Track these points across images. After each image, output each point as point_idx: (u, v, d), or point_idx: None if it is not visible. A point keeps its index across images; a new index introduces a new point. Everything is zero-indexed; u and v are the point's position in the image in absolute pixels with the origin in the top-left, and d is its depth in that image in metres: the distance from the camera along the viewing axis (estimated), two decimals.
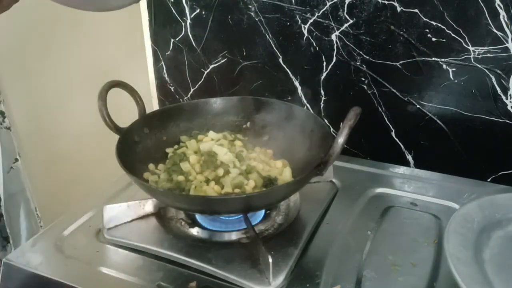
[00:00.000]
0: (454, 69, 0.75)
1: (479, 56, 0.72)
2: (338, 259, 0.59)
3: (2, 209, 0.77)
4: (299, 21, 0.84)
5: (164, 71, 1.04)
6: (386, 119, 0.84)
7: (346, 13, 0.79)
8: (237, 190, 0.63)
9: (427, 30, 0.74)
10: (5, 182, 0.77)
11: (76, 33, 0.88)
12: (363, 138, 0.88)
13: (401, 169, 0.81)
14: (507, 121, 0.75)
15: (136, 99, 0.73)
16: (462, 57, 0.74)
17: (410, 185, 0.76)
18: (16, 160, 0.79)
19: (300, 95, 0.90)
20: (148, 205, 0.68)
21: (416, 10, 0.74)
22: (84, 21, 0.90)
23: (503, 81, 0.73)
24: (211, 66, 0.97)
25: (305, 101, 0.91)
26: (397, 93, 0.81)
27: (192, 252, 0.60)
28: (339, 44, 0.82)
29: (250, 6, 0.87)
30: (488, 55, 0.72)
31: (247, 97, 0.80)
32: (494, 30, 0.70)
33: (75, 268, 0.59)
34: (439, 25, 0.73)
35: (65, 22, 0.86)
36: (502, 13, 0.69)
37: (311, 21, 0.83)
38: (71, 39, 0.88)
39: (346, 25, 0.80)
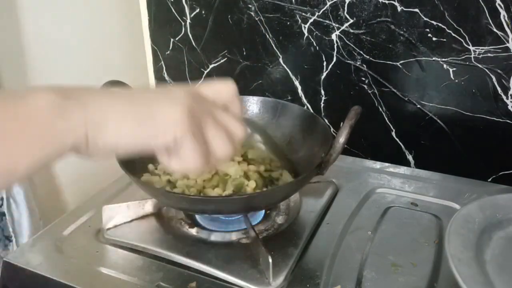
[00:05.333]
0: (454, 68, 0.75)
1: (480, 56, 0.72)
2: (338, 259, 0.59)
3: (5, 208, 0.77)
4: (299, 21, 0.84)
5: (164, 70, 1.04)
6: (386, 119, 0.84)
7: (347, 13, 0.79)
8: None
9: (428, 30, 0.74)
10: None
11: (75, 33, 0.88)
12: (363, 138, 0.88)
13: (402, 169, 0.81)
14: (508, 121, 0.75)
15: None
16: (463, 57, 0.74)
17: (410, 185, 0.76)
18: None
19: (300, 95, 0.90)
20: (148, 205, 0.68)
21: (416, 10, 0.74)
22: (84, 21, 0.90)
23: (503, 81, 0.72)
24: (211, 66, 0.97)
25: (305, 101, 0.90)
26: (398, 93, 0.81)
27: (192, 252, 0.60)
28: (339, 43, 0.82)
29: (250, 6, 0.87)
30: (489, 54, 0.72)
31: (246, 96, 0.80)
32: (495, 30, 0.70)
33: (75, 268, 0.59)
34: (440, 24, 0.73)
35: (65, 22, 0.86)
36: (503, 12, 0.68)
37: (311, 20, 0.83)
38: (71, 38, 0.88)
39: (346, 24, 0.80)
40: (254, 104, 0.79)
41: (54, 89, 0.32)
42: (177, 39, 0.98)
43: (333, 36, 0.82)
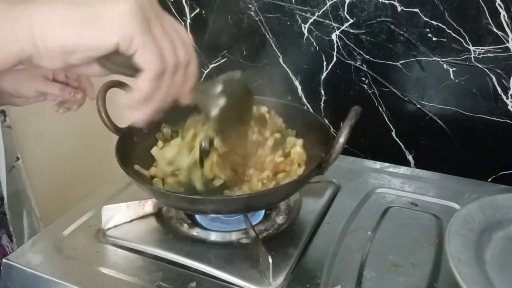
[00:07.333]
0: (454, 68, 0.75)
1: (480, 56, 0.72)
2: (338, 259, 0.59)
3: (6, 207, 0.77)
4: (299, 21, 0.84)
5: None
6: (386, 119, 0.84)
7: (347, 13, 0.79)
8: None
9: (428, 30, 0.74)
10: (8, 181, 0.77)
11: None
12: (363, 138, 0.88)
13: (402, 169, 0.81)
14: (508, 121, 0.75)
15: None
16: (463, 57, 0.74)
17: (410, 185, 0.76)
18: (18, 158, 0.79)
19: (300, 95, 0.90)
20: (148, 205, 0.68)
21: (416, 10, 0.74)
22: None
23: (503, 81, 0.72)
24: (211, 66, 0.97)
25: (305, 101, 0.90)
26: (398, 93, 0.81)
27: (192, 253, 0.60)
28: (339, 43, 0.82)
29: (250, 6, 0.87)
30: (489, 54, 0.72)
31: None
32: (495, 30, 0.70)
33: (74, 268, 0.59)
34: (440, 24, 0.73)
35: None
36: (503, 12, 0.68)
37: (311, 20, 0.83)
38: None
39: (346, 24, 0.80)
40: (254, 104, 0.79)
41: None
42: None
43: (333, 36, 0.82)
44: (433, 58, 0.76)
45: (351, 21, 0.79)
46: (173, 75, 0.37)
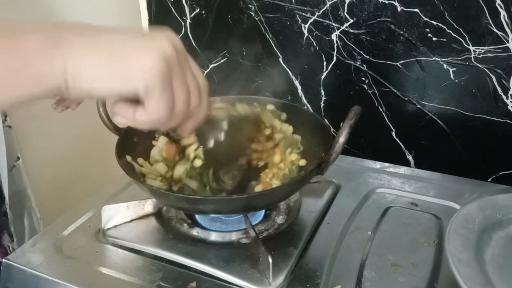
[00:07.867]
0: (454, 68, 0.75)
1: (480, 56, 0.72)
2: (338, 259, 0.59)
3: (7, 207, 0.77)
4: (299, 21, 0.84)
5: None
6: (386, 119, 0.84)
7: (347, 13, 0.79)
8: None
9: (428, 30, 0.74)
10: (9, 180, 0.77)
11: None
12: (363, 138, 0.88)
13: (402, 169, 0.81)
14: (508, 121, 0.75)
15: None
16: (463, 57, 0.74)
17: (410, 185, 0.76)
18: (18, 158, 0.79)
19: (300, 95, 0.90)
20: (148, 205, 0.68)
21: (416, 10, 0.74)
22: (83, 21, 0.90)
23: (503, 81, 0.72)
24: (211, 66, 0.97)
25: (305, 101, 0.90)
26: (398, 93, 0.81)
27: (192, 253, 0.60)
28: (339, 43, 0.82)
29: (250, 6, 0.87)
30: (489, 54, 0.72)
31: (246, 96, 0.80)
32: (495, 30, 0.70)
33: (74, 268, 0.59)
34: (440, 24, 0.73)
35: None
36: (503, 12, 0.68)
37: (311, 20, 0.83)
38: None
39: (346, 24, 0.80)
40: (253, 103, 0.79)
41: (46, 32, 0.35)
42: None
43: (333, 36, 0.82)
44: (433, 58, 0.76)
45: (351, 21, 0.79)
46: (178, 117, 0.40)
